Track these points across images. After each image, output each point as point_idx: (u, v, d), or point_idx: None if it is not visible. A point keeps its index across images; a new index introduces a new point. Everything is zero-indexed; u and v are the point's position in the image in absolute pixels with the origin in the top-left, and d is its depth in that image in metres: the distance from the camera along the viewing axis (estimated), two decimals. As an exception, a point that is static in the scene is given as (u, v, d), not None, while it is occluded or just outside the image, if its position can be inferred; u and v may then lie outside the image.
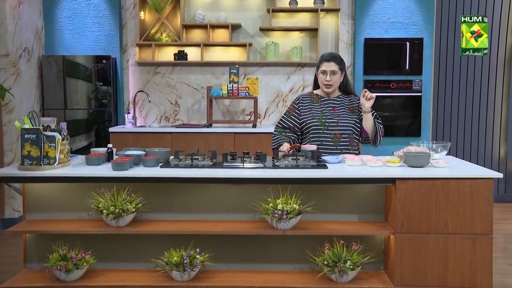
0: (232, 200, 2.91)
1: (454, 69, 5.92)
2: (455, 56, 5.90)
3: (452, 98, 5.97)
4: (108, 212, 2.66)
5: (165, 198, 2.92)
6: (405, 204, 2.62)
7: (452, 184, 2.59)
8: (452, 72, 5.93)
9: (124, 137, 5.37)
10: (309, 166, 2.83)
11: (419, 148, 3.00)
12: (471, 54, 4.53)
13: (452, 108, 5.98)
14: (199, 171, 2.74)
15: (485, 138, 6.02)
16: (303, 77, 5.84)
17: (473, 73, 5.92)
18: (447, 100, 5.98)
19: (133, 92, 5.91)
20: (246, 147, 5.21)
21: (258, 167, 2.84)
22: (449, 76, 5.94)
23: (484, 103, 5.97)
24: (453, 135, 6.00)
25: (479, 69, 5.91)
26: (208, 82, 5.89)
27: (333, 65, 3.28)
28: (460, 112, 5.99)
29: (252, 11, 5.85)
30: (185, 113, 5.97)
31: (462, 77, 5.93)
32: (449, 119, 6.00)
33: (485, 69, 5.91)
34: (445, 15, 5.86)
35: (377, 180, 2.66)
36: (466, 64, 5.90)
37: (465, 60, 5.89)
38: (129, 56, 5.87)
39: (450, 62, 5.92)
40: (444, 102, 5.98)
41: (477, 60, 5.89)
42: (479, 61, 5.89)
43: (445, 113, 5.99)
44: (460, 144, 6.00)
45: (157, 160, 2.90)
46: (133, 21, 5.81)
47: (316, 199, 2.82)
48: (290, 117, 3.39)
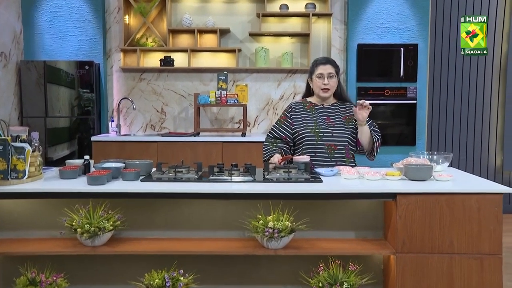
0: (219, 216, 2.69)
1: (449, 76, 5.76)
2: (450, 62, 5.75)
3: (447, 106, 5.81)
4: (83, 230, 2.42)
5: (146, 214, 2.69)
6: (407, 221, 2.41)
7: (457, 200, 2.39)
8: (447, 79, 5.77)
9: (107, 146, 5.13)
10: (302, 180, 2.62)
11: (419, 160, 2.80)
12: (471, 54, 4.44)
13: (447, 116, 5.82)
14: (183, 185, 2.52)
15: (481, 146, 5.86)
16: (294, 84, 5.65)
17: (468, 80, 5.77)
18: (442, 108, 5.81)
19: (117, 99, 5.68)
20: (235, 157, 5.00)
21: (247, 180, 2.62)
22: (444, 83, 5.78)
23: (479, 111, 5.81)
24: (448, 143, 5.84)
25: (474, 76, 5.76)
26: (195, 89, 5.68)
27: (330, 68, 3.09)
28: (455, 120, 5.82)
29: (242, 15, 5.65)
30: (172, 121, 5.75)
31: (457, 84, 5.77)
32: (444, 128, 5.83)
33: (480, 76, 5.76)
34: (440, 21, 5.71)
35: (376, 195, 2.45)
36: (461, 71, 5.75)
37: (460, 67, 5.74)
38: (113, 61, 5.64)
39: (445, 68, 5.76)
40: (439, 110, 5.81)
41: (473, 67, 5.74)
42: (474, 68, 5.74)
43: (440, 121, 5.82)
44: (455, 153, 5.83)
45: (138, 173, 2.67)
46: (117, 25, 5.59)
47: (310, 216, 2.61)
48: (281, 126, 3.18)
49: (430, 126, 5.76)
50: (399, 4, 5.32)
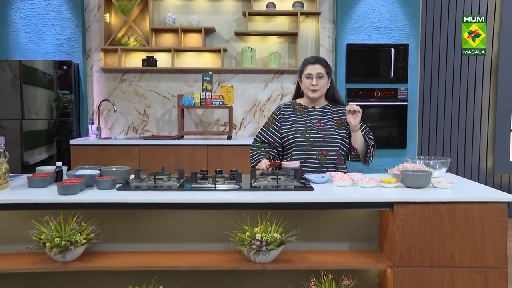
0: (202, 227, 2.49)
1: (440, 77, 5.62)
2: (440, 63, 5.61)
3: (438, 108, 5.67)
4: (52, 245, 2.21)
5: (123, 226, 2.48)
6: (405, 232, 2.24)
7: (459, 209, 2.22)
8: (438, 80, 5.63)
9: (86, 150, 4.90)
10: (292, 187, 2.43)
11: (416, 166, 2.63)
12: (471, 54, 4.50)
13: (437, 118, 5.68)
14: (163, 194, 2.31)
15: (472, 149, 5.73)
16: (282, 85, 5.47)
17: (459, 81, 5.64)
18: (433, 110, 5.67)
19: (97, 100, 5.45)
20: (220, 161, 4.81)
21: (232, 189, 2.43)
22: (435, 84, 5.64)
23: (471, 113, 5.68)
24: (439, 146, 5.70)
25: (465, 77, 5.63)
26: (179, 90, 5.47)
27: (319, 68, 2.90)
28: (446, 122, 5.69)
29: (227, 14, 5.46)
30: (155, 124, 5.53)
31: (448, 85, 5.63)
32: (434, 130, 5.69)
33: (471, 77, 5.63)
34: (430, 20, 5.57)
35: (372, 204, 2.27)
36: (452, 72, 5.61)
37: (451, 68, 5.61)
38: (93, 61, 5.41)
39: (436, 69, 5.62)
40: (429, 112, 5.67)
41: (463, 67, 5.61)
42: (465, 68, 5.61)
43: (430, 123, 5.68)
44: (446, 155, 5.69)
45: (114, 181, 2.46)
46: (97, 24, 5.35)
47: (300, 226, 2.42)
48: (269, 130, 2.99)
49: (421, 129, 5.62)
50: (389, 3, 5.17)
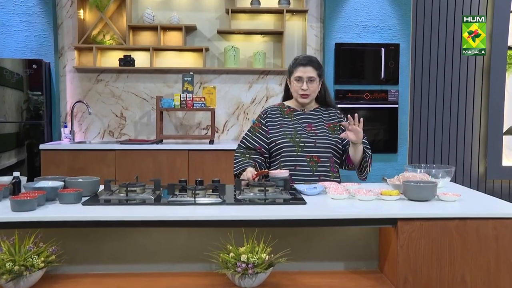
0: (180, 247, 2.20)
1: (431, 78, 5.41)
2: (431, 64, 5.39)
3: (429, 110, 5.45)
4: (3, 270, 1.89)
5: (90, 245, 2.17)
6: (410, 252, 1.98)
7: (470, 226, 1.97)
8: (428, 82, 5.41)
9: (58, 156, 4.56)
10: (282, 201, 2.16)
11: (418, 175, 2.38)
12: (472, 54, 4.47)
13: (428, 121, 5.46)
14: (136, 210, 2.02)
15: (464, 153, 5.53)
16: (267, 86, 5.20)
17: (450, 83, 5.43)
18: (424, 113, 5.45)
19: (71, 102, 5.11)
20: (202, 167, 4.53)
21: (214, 203, 2.14)
22: (425, 86, 5.42)
23: (462, 115, 5.48)
24: (430, 151, 5.48)
25: (457, 79, 5.42)
26: (158, 91, 5.17)
27: (311, 71, 2.64)
28: (438, 125, 5.47)
29: (209, 11, 5.18)
30: (132, 127, 5.21)
31: (440, 87, 5.42)
32: (425, 133, 5.47)
33: (462, 79, 5.43)
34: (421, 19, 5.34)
35: (373, 221, 2.00)
36: (443, 73, 5.40)
37: (441, 69, 5.39)
38: (66, 61, 5.07)
39: (426, 70, 5.40)
40: (420, 115, 5.45)
41: (455, 69, 5.41)
42: (456, 70, 5.41)
43: (421, 126, 5.46)
44: (437, 160, 5.48)
45: (79, 195, 2.16)
46: (70, 20, 5.02)
47: (291, 245, 2.15)
48: (255, 135, 2.72)
49: (412, 132, 5.40)
50: (379, 1, 4.94)
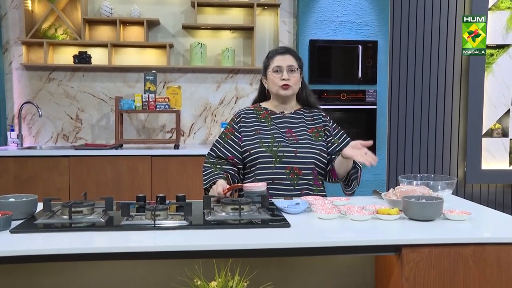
0: (137, 282, 1.80)
1: (408, 78, 5.15)
2: (409, 63, 5.13)
3: (407, 112, 5.19)
4: None
5: (21, 282, 1.75)
6: (417, 285, 1.64)
7: (489, 253, 1.64)
8: (406, 82, 5.15)
9: (2, 164, 4.06)
10: (260, 222, 1.79)
11: (418, 189, 2.04)
12: (472, 54, 4.59)
13: (406, 123, 5.20)
14: (81, 238, 1.61)
15: (443, 157, 5.29)
16: (236, 86, 4.83)
17: (428, 83, 5.18)
18: (401, 114, 5.18)
19: (18, 103, 4.61)
20: (166, 174, 4.13)
21: (179, 226, 1.75)
22: (403, 86, 5.15)
23: (441, 118, 5.24)
24: (408, 154, 5.22)
25: (435, 80, 5.18)
26: (118, 91, 4.72)
27: (290, 59, 2.29)
28: (416, 128, 5.21)
29: (173, 5, 4.77)
30: (89, 131, 4.75)
31: (418, 87, 5.16)
32: (403, 136, 5.20)
33: (441, 80, 5.19)
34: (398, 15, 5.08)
35: (372, 248, 1.65)
36: (421, 73, 5.15)
37: (419, 69, 5.14)
38: (13, 57, 4.57)
39: (404, 70, 5.14)
40: (398, 117, 5.18)
41: (433, 69, 5.16)
42: (434, 70, 5.16)
43: (399, 129, 5.19)
44: (415, 165, 5.22)
45: (8, 219, 1.73)
46: (16, 11, 4.52)
47: (273, 277, 1.78)
48: (227, 142, 2.34)
49: (389, 135, 5.12)
50: (356, -5, 4.64)
